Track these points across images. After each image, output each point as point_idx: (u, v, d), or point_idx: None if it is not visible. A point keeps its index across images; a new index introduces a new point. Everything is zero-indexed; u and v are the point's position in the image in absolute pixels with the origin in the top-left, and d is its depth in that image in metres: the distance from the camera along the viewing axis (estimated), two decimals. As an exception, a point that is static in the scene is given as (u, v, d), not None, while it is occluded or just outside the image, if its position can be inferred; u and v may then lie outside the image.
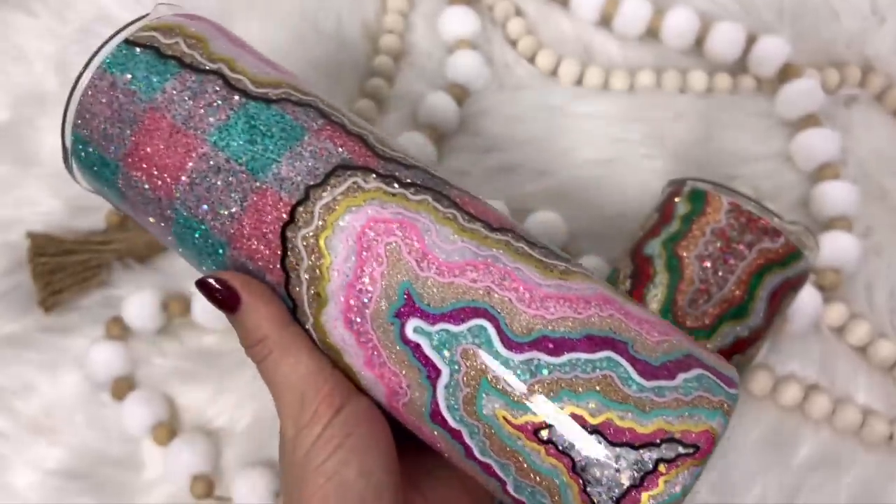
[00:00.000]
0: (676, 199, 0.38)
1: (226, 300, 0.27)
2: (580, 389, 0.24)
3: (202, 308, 0.44)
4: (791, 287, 0.37)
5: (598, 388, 0.24)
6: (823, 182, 0.45)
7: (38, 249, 0.45)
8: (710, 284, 0.35)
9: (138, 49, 0.29)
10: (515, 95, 0.48)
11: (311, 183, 0.27)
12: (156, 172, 0.28)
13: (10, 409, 0.44)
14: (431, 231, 0.26)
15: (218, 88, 0.28)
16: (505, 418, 0.25)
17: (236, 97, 0.28)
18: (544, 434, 0.24)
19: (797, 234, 0.36)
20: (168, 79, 0.28)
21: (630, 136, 0.47)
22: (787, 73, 0.47)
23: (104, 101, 0.29)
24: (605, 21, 0.49)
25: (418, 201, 0.27)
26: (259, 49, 0.32)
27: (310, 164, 0.27)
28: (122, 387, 0.43)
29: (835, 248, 0.43)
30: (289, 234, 0.27)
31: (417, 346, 0.25)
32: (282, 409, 0.27)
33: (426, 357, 0.25)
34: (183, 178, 0.28)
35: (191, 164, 0.28)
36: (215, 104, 0.28)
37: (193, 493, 0.41)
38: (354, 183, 0.26)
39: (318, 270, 0.26)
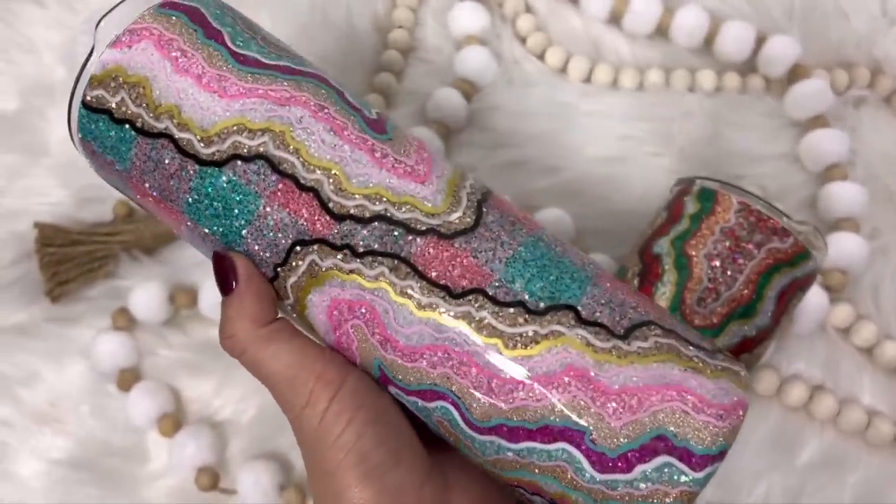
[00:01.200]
0: (685, 198, 0.38)
1: (223, 279, 0.27)
2: (536, 471, 0.25)
3: (209, 300, 0.44)
4: (799, 287, 0.37)
5: (552, 475, 0.25)
6: (831, 183, 0.45)
7: (46, 240, 0.46)
8: (718, 283, 0.35)
9: (95, 115, 0.28)
10: (524, 92, 0.48)
11: (277, 262, 0.27)
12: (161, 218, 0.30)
13: (15, 399, 0.44)
14: (390, 313, 0.26)
15: (173, 156, 0.27)
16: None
17: (189, 166, 0.27)
18: None
19: (806, 234, 0.36)
20: (131, 148, 0.28)
21: (638, 134, 0.47)
22: (796, 73, 0.47)
23: (94, 158, 0.30)
24: (615, 19, 0.49)
25: (374, 276, 0.26)
26: None
27: (270, 237, 0.27)
28: (128, 378, 0.43)
29: (842, 249, 0.43)
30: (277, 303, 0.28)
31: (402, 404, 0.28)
32: (276, 398, 0.27)
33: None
34: (182, 230, 0.29)
35: (183, 229, 0.29)
36: (176, 175, 0.27)
37: (198, 485, 0.41)
38: (313, 262, 0.26)
39: (311, 334, 0.28)
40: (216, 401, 0.44)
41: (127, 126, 0.28)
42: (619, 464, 0.24)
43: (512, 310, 0.25)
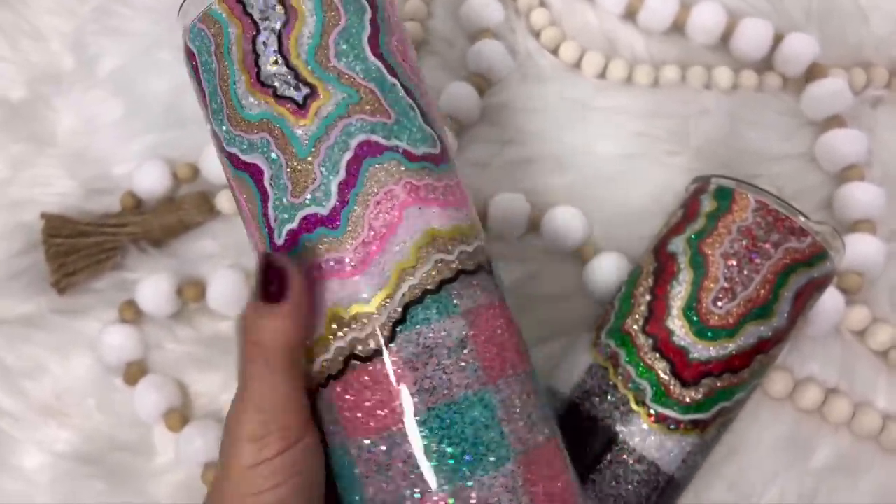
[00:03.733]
0: (702, 196, 0.38)
1: (269, 286, 0.26)
2: None
3: (217, 294, 0.43)
4: (816, 288, 0.36)
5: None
6: (848, 183, 0.45)
7: (53, 230, 0.45)
8: (734, 283, 0.35)
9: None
10: (538, 87, 0.47)
11: None
12: None
13: (20, 391, 0.44)
14: None
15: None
16: None
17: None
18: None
19: (824, 234, 0.36)
20: None
21: (653, 131, 0.46)
22: (813, 72, 0.47)
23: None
24: (631, 14, 0.48)
25: None
26: None
27: None
28: (135, 371, 0.43)
29: (858, 250, 0.42)
30: None
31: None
32: (236, 409, 0.27)
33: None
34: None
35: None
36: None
37: (205, 481, 0.41)
38: None
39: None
40: (224, 395, 0.43)
41: None
42: None
43: None
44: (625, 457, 0.35)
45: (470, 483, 0.26)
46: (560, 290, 0.44)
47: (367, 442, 0.26)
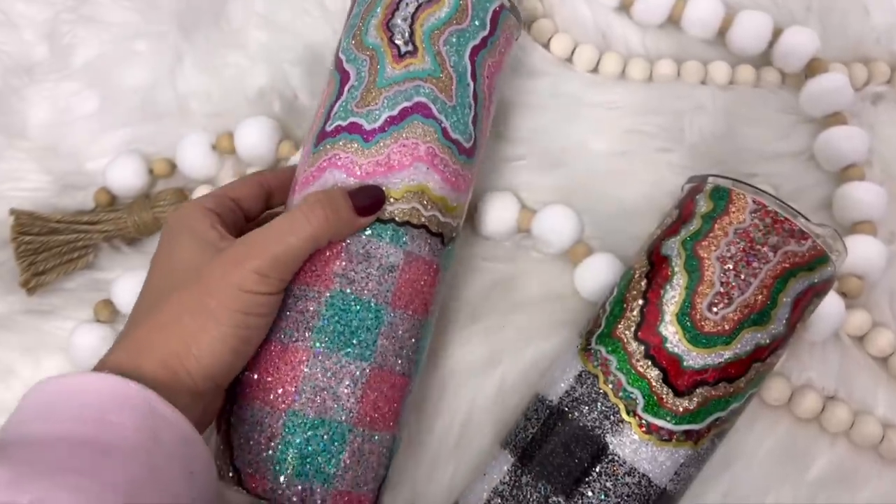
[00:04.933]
0: (697, 196, 0.36)
1: (369, 206, 0.33)
2: None
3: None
4: (816, 293, 0.35)
5: None
6: (848, 183, 0.43)
7: (23, 228, 0.43)
8: (731, 288, 0.33)
9: None
10: (528, 81, 0.46)
11: None
12: None
13: (-12, 394, 0.42)
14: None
15: None
16: None
17: None
18: None
19: (824, 237, 0.34)
20: None
21: (647, 128, 0.45)
22: (813, 67, 0.45)
23: None
24: (625, 7, 0.46)
25: None
26: (260, 28, 0.31)
27: None
28: (107, 374, 0.41)
29: (858, 252, 0.41)
30: None
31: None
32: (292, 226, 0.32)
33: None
34: None
35: None
36: None
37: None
38: None
39: None
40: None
41: None
42: None
43: None
44: (615, 469, 0.33)
45: (332, 355, 0.33)
46: (550, 292, 0.43)
47: (316, 290, 0.33)
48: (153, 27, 0.48)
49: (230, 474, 0.33)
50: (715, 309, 0.33)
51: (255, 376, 0.33)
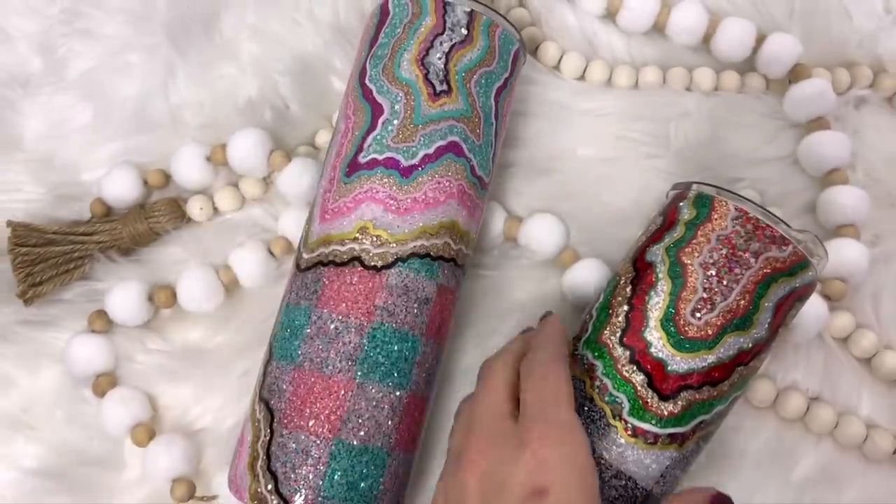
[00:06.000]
0: (681, 204, 0.37)
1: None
2: None
3: (189, 293, 0.42)
4: (797, 298, 0.35)
5: None
6: (832, 187, 0.44)
7: (19, 239, 0.44)
8: (713, 293, 0.34)
9: None
10: (517, 90, 0.46)
11: None
12: None
13: (-14, 404, 0.43)
14: None
15: None
16: None
17: None
18: None
19: (805, 242, 0.35)
20: None
21: (633, 134, 0.45)
22: (796, 73, 0.46)
23: None
24: (611, 14, 0.47)
25: None
26: (251, 39, 0.30)
27: None
28: (104, 383, 0.42)
29: (842, 256, 0.41)
30: None
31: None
32: (538, 390, 0.31)
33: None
34: None
35: None
36: None
37: (174, 497, 0.40)
38: None
39: None
40: (194, 408, 0.42)
41: None
42: None
43: None
44: (602, 472, 0.34)
45: (374, 385, 0.34)
46: (539, 297, 0.43)
47: (328, 314, 0.35)
48: (146, 39, 0.48)
49: (274, 502, 0.33)
50: (698, 314, 0.34)
51: (300, 408, 0.34)
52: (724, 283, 0.34)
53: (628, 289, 0.36)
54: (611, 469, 0.34)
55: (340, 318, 0.34)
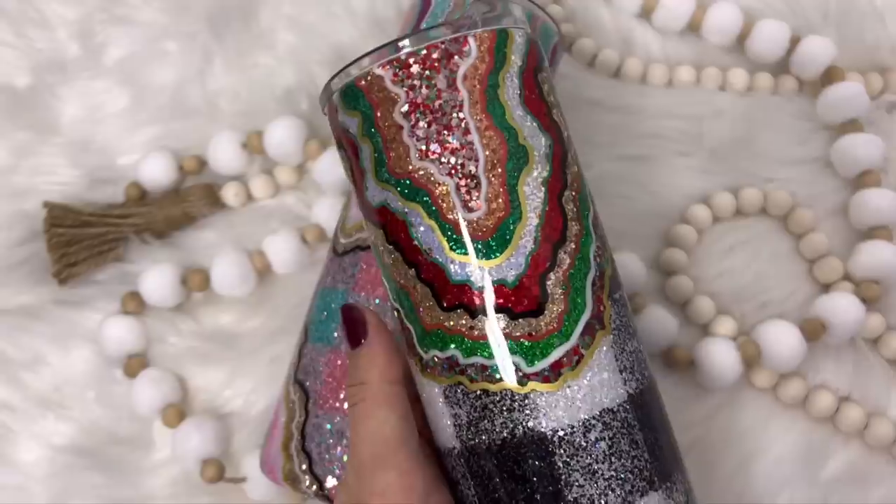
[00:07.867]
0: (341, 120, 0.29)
1: (353, 332, 0.29)
2: None
3: (222, 277, 0.43)
4: (536, 72, 0.28)
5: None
6: (864, 190, 0.44)
7: (55, 220, 0.44)
8: (463, 172, 0.26)
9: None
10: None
11: None
12: None
13: (18, 382, 0.43)
14: None
15: None
16: None
17: None
18: None
19: (474, 18, 0.26)
20: None
21: (666, 132, 0.46)
22: (830, 75, 0.46)
23: None
24: (646, 13, 0.47)
25: None
26: (288, 29, 0.30)
27: None
28: (135, 364, 0.42)
29: (875, 258, 0.41)
30: None
31: None
32: (352, 458, 0.28)
33: None
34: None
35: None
36: None
37: (204, 477, 0.40)
38: None
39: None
40: (225, 391, 0.42)
41: None
42: None
43: None
44: (570, 445, 0.25)
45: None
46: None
47: (364, 298, 0.35)
48: (183, 27, 0.49)
49: (307, 482, 0.34)
50: (471, 204, 0.26)
51: (335, 389, 0.34)
52: (462, 150, 0.26)
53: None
54: (572, 431, 0.25)
55: (377, 301, 0.35)
